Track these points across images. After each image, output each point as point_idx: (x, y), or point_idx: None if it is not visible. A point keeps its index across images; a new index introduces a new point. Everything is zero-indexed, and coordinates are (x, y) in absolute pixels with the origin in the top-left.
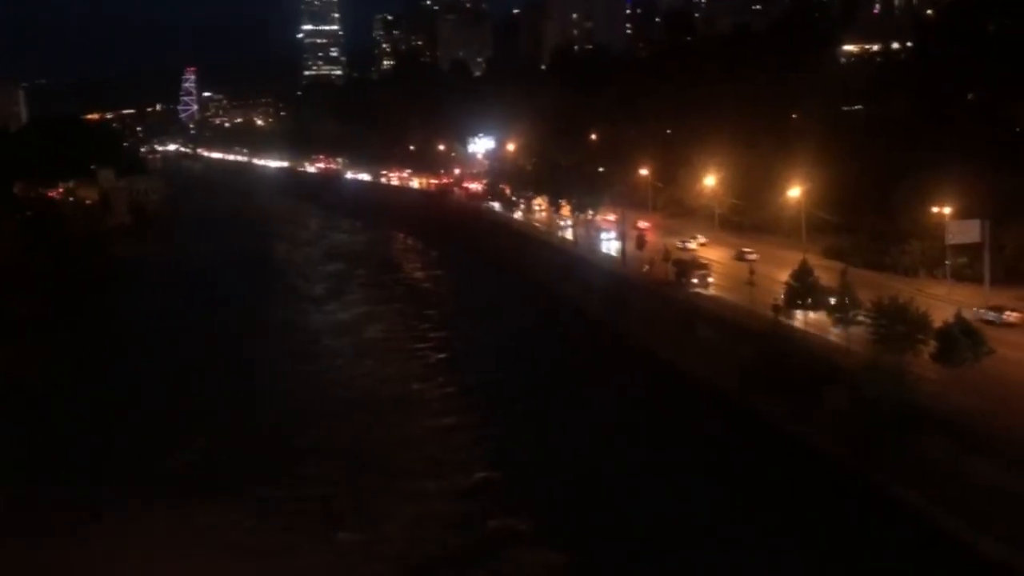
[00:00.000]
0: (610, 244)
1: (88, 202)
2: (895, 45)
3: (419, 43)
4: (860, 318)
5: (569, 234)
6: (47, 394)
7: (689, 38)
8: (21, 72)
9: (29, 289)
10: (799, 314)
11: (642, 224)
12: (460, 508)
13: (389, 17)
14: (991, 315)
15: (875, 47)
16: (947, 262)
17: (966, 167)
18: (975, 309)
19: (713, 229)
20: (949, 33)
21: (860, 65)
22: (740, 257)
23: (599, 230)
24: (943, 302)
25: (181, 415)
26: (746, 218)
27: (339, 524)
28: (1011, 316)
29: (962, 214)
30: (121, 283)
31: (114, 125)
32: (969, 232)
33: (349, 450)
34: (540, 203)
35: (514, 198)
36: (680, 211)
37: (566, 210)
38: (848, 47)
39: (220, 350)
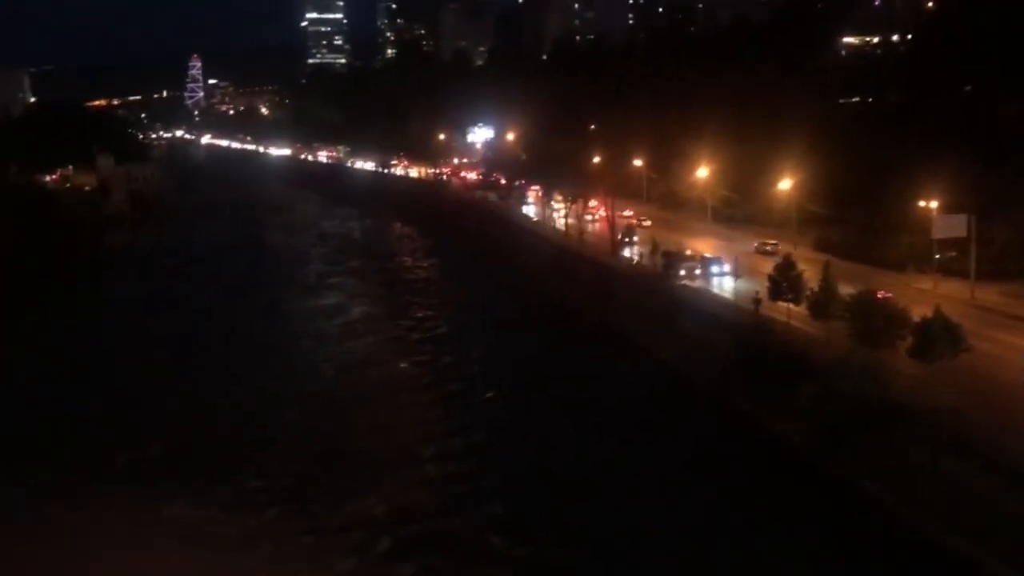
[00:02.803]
0: (722, 280)
1: (86, 188)
2: (895, 37)
3: (422, 32)
4: (839, 313)
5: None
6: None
7: (692, 28)
8: (28, 58)
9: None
10: (782, 307)
11: (592, 203)
12: (431, 495)
13: (393, 6)
14: (768, 247)
15: (875, 39)
16: (936, 256)
17: (956, 161)
18: (754, 244)
19: (705, 221)
20: (947, 26)
21: (859, 57)
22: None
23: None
24: (930, 296)
25: (159, 401)
26: (738, 210)
27: (306, 513)
28: (773, 248)
29: (951, 208)
30: (109, 271)
31: (119, 112)
32: (955, 227)
33: (322, 437)
34: (534, 194)
35: (508, 188)
36: (674, 203)
37: (559, 199)
38: (848, 39)
39: (205, 336)
